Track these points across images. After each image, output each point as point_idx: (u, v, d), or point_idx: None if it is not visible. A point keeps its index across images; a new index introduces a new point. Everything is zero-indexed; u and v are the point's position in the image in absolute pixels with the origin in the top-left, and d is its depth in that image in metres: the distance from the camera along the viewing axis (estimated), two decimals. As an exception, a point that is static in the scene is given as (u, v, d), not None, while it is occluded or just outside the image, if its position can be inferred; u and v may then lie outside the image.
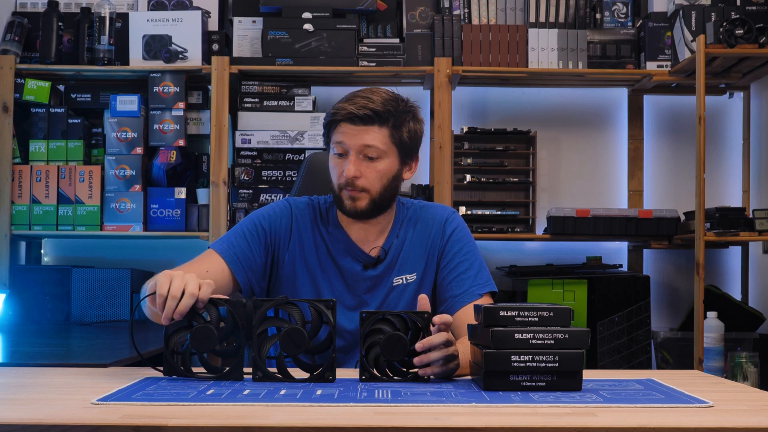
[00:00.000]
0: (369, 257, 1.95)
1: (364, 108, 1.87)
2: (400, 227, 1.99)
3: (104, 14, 3.46)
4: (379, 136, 1.89)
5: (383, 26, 3.59)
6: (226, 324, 1.54)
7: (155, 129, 3.48)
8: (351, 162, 1.88)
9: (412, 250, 1.97)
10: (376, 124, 1.89)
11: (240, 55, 3.54)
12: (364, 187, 1.89)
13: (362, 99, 1.89)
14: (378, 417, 1.20)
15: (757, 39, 3.11)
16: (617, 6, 3.63)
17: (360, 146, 1.88)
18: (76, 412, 1.23)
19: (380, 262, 1.95)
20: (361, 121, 1.88)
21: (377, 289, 1.95)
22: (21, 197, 3.45)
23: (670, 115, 3.81)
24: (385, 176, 1.91)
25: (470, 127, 3.57)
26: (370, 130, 1.88)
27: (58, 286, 3.42)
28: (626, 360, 3.41)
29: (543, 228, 3.56)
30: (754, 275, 3.66)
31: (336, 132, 1.90)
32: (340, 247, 1.95)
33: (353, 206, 1.90)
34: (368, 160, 1.89)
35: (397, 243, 1.97)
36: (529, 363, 1.43)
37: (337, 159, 1.91)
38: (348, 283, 1.95)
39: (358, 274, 1.94)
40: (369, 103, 1.88)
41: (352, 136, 1.88)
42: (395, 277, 1.95)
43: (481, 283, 1.93)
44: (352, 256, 1.95)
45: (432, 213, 2.02)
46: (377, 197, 1.91)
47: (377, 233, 1.97)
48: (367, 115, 1.87)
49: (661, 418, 1.21)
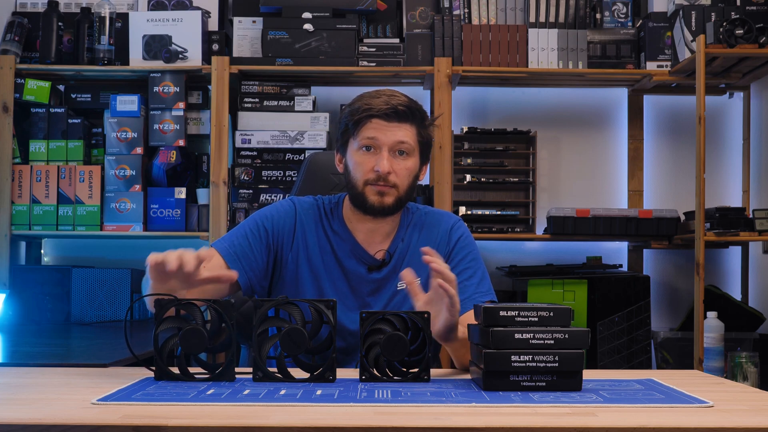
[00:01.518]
0: (374, 260, 1.95)
1: (400, 105, 1.88)
2: (406, 231, 1.99)
3: (104, 14, 3.46)
4: (410, 133, 1.90)
5: (383, 26, 3.59)
6: (213, 324, 1.54)
7: (155, 129, 3.48)
8: (384, 158, 1.87)
9: (416, 255, 1.97)
10: (408, 121, 1.90)
11: (240, 55, 3.54)
12: (395, 183, 1.89)
13: (391, 97, 1.90)
14: (378, 417, 1.20)
15: (757, 39, 3.11)
16: (617, 6, 3.63)
17: (394, 142, 1.88)
18: (76, 412, 1.23)
19: (385, 265, 1.95)
20: (396, 118, 1.88)
21: (381, 293, 1.95)
22: (21, 197, 3.45)
23: (670, 115, 3.81)
24: (412, 174, 1.92)
25: (470, 127, 3.57)
26: (403, 127, 1.89)
27: (58, 286, 3.42)
28: (626, 360, 3.41)
29: (543, 228, 3.57)
30: (754, 275, 3.66)
31: (365, 128, 1.89)
32: (345, 249, 1.94)
33: (381, 202, 1.89)
34: (398, 156, 1.89)
35: (402, 247, 1.97)
36: (529, 363, 1.43)
37: (363, 154, 1.89)
38: (352, 285, 1.94)
39: (363, 277, 1.94)
40: (402, 101, 1.89)
41: (386, 131, 1.88)
42: (399, 281, 1.95)
43: (483, 291, 1.95)
44: (357, 258, 1.94)
45: (437, 219, 2.02)
46: (403, 195, 1.91)
47: (383, 236, 1.96)
48: (403, 111, 1.88)
49: (661, 418, 1.21)
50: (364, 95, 1.93)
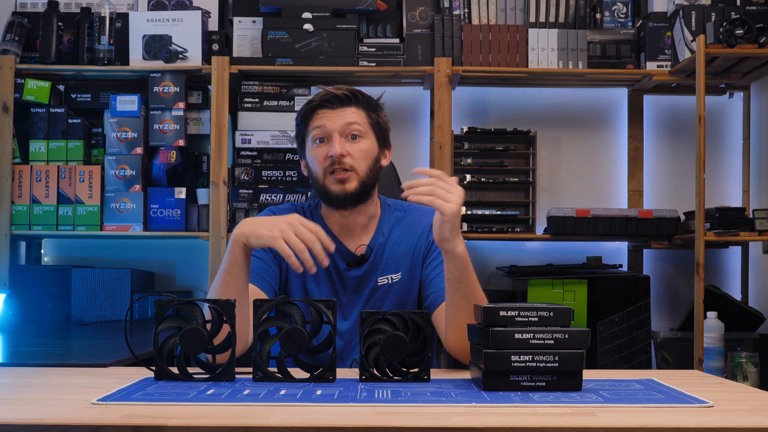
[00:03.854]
0: (354, 256, 1.95)
1: (341, 92, 1.92)
2: (387, 227, 1.99)
3: (104, 14, 3.46)
4: (357, 116, 1.93)
5: (383, 26, 3.59)
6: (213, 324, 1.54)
7: (155, 129, 3.48)
8: (335, 141, 1.90)
9: (397, 249, 1.97)
10: (353, 105, 1.93)
11: (240, 55, 3.54)
12: (351, 165, 1.90)
13: (335, 89, 1.94)
14: (378, 417, 1.20)
15: (757, 39, 3.11)
16: (617, 6, 3.63)
17: (343, 125, 1.91)
18: (76, 412, 1.23)
19: (364, 261, 1.95)
20: (340, 102, 1.92)
21: (361, 289, 1.96)
22: (21, 197, 3.45)
23: (670, 115, 3.81)
24: (369, 155, 1.94)
25: (470, 127, 3.57)
26: (349, 110, 1.93)
27: (58, 286, 3.42)
28: (626, 360, 3.41)
29: (543, 228, 3.57)
30: (754, 275, 3.66)
31: (314, 120, 1.93)
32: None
33: (342, 189, 1.90)
34: (351, 140, 1.92)
35: (383, 242, 1.97)
36: (529, 363, 1.43)
37: (318, 147, 1.93)
38: (335, 283, 1.95)
39: (342, 274, 1.95)
40: (343, 89, 1.94)
41: (332, 117, 1.91)
42: (380, 276, 1.95)
43: None
44: (337, 253, 1.95)
45: (420, 214, 2.03)
46: (365, 178, 1.92)
47: (360, 228, 1.97)
48: (345, 95, 1.92)
49: (661, 418, 1.21)
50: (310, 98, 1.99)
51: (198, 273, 3.69)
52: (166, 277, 3.73)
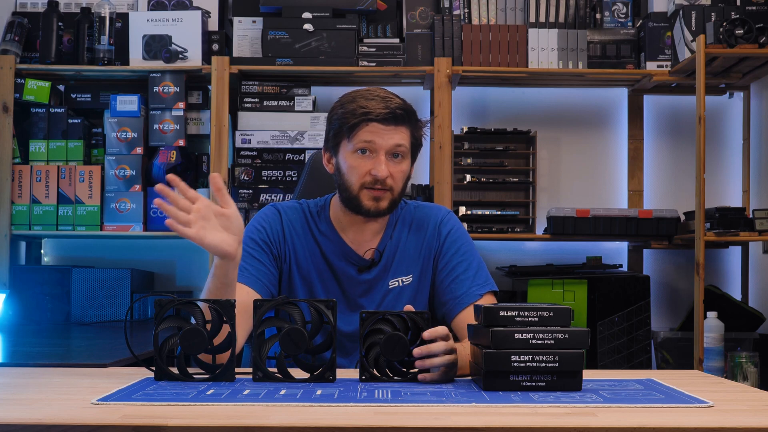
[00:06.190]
0: (363, 260, 1.94)
1: (398, 108, 1.86)
2: (394, 228, 1.97)
3: (104, 14, 3.46)
4: (405, 136, 1.88)
5: (383, 26, 3.59)
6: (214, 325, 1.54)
7: (155, 129, 3.48)
8: (382, 162, 1.85)
9: (407, 251, 1.96)
10: (404, 124, 1.88)
11: (240, 55, 3.54)
12: (391, 186, 1.87)
13: (386, 100, 1.87)
14: (378, 417, 1.20)
15: (757, 39, 3.11)
16: (617, 6, 3.63)
17: (392, 146, 1.86)
18: (76, 412, 1.23)
19: (375, 265, 1.94)
20: (393, 121, 1.86)
21: (372, 293, 1.93)
22: (21, 197, 3.45)
23: (670, 115, 3.81)
24: (405, 176, 1.91)
25: (470, 127, 3.57)
26: (399, 130, 1.87)
27: (58, 286, 3.42)
28: (626, 360, 3.41)
29: (543, 228, 3.56)
30: (754, 275, 3.66)
31: (362, 130, 1.86)
32: (334, 250, 1.93)
33: (376, 206, 1.87)
34: (394, 159, 1.88)
35: (391, 245, 1.95)
36: (529, 363, 1.43)
37: (359, 158, 1.86)
38: (343, 286, 1.93)
39: (353, 278, 1.93)
40: (398, 104, 1.88)
41: (383, 135, 1.85)
42: (391, 279, 1.94)
43: (480, 283, 1.91)
44: (347, 260, 1.93)
45: (426, 213, 2.00)
46: (397, 197, 1.90)
47: (372, 235, 1.95)
48: (401, 114, 1.87)
49: (661, 418, 1.21)
50: (356, 96, 1.89)
51: (198, 273, 3.69)
52: (166, 277, 3.73)
